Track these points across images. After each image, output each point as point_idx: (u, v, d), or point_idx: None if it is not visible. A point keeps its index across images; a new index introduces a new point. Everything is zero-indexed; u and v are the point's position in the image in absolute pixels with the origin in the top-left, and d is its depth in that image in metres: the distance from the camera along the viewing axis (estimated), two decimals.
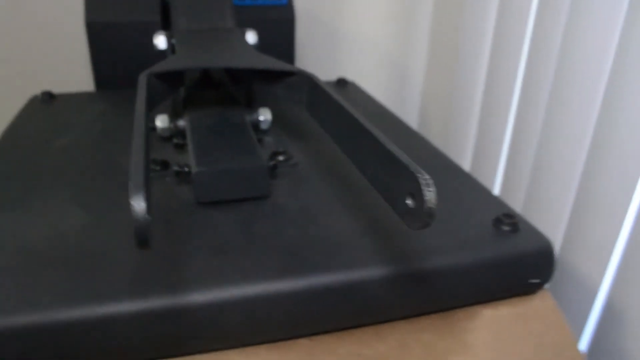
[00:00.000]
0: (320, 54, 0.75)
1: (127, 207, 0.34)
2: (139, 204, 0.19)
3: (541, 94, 0.51)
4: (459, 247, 0.31)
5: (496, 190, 0.61)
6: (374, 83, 0.79)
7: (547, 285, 0.34)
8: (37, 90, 0.67)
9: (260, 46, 0.59)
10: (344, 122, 0.28)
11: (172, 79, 0.37)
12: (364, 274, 0.28)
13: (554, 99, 0.49)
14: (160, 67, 0.35)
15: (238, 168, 0.33)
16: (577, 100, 0.46)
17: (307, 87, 0.34)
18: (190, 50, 0.41)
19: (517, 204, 0.57)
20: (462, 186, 0.38)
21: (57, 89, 0.68)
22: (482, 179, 0.63)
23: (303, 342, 0.30)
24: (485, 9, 0.59)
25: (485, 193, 0.37)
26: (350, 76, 0.78)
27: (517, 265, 0.31)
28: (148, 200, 0.19)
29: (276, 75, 0.38)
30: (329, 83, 0.63)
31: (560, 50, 0.48)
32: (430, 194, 0.20)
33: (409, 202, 0.21)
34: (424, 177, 0.20)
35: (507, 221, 0.32)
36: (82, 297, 0.26)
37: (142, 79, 0.32)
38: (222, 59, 0.38)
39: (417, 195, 0.20)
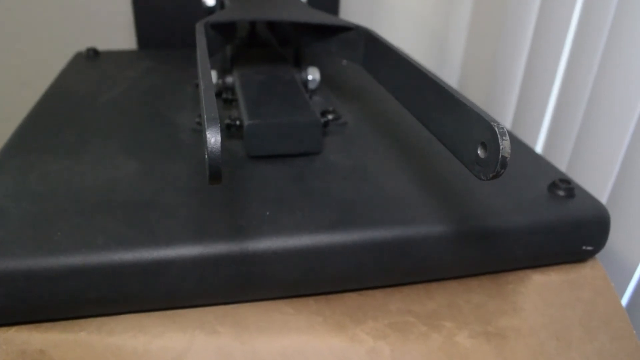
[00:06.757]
0: (360, 23, 0.74)
1: (176, 158, 0.34)
2: (215, 137, 0.18)
3: (587, 75, 0.50)
4: (515, 209, 0.30)
5: None
6: (413, 55, 0.77)
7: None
8: (79, 47, 0.67)
9: None
10: (406, 75, 0.27)
11: (224, 32, 0.37)
12: (417, 230, 0.28)
13: (598, 85, 0.47)
14: (218, 17, 0.35)
15: (291, 121, 0.33)
16: (625, 79, 0.45)
17: (363, 42, 0.34)
18: (242, 5, 0.40)
19: None
20: (516, 152, 0.37)
21: (98, 47, 0.68)
22: None
23: (353, 296, 0.30)
24: None
25: (539, 159, 0.36)
26: None
27: (572, 231, 0.31)
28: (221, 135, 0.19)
29: (328, 32, 0.37)
30: None
31: (607, 40, 0.46)
32: (505, 143, 0.19)
33: (479, 152, 0.21)
34: (500, 126, 0.20)
35: (563, 186, 0.32)
36: (136, 240, 0.26)
37: (200, 27, 0.31)
38: (282, 13, 0.38)
39: (491, 144, 0.20)
